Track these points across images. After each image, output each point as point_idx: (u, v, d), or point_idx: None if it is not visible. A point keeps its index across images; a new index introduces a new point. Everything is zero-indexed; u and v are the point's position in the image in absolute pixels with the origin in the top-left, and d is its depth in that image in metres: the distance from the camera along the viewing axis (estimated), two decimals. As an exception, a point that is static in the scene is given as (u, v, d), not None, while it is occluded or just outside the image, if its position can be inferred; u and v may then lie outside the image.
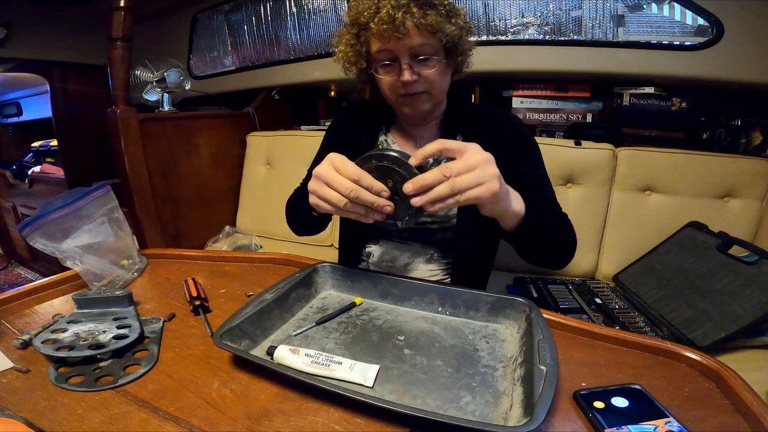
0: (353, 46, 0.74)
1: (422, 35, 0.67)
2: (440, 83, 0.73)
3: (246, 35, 1.97)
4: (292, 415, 0.42)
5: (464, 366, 0.50)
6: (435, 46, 0.69)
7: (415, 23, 0.66)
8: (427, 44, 0.68)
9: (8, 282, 2.77)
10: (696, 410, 0.43)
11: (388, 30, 0.65)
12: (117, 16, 1.26)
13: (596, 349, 0.55)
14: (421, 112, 0.75)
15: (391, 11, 0.65)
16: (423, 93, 0.72)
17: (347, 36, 0.74)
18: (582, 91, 1.44)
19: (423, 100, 0.74)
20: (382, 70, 0.72)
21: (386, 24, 0.65)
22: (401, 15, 0.64)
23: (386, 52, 0.70)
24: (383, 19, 0.65)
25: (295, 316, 0.61)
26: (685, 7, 1.21)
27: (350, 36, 0.73)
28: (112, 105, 1.34)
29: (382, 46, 0.69)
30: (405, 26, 0.66)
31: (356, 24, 0.71)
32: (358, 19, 0.70)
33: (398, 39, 0.67)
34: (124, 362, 0.50)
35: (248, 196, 1.81)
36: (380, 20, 0.65)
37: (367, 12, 0.68)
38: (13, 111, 3.26)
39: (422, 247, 0.83)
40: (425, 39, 0.67)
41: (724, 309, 0.91)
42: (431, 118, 0.82)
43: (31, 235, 0.66)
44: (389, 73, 0.72)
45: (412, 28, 0.66)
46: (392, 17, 0.65)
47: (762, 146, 1.29)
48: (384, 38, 0.68)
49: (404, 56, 0.69)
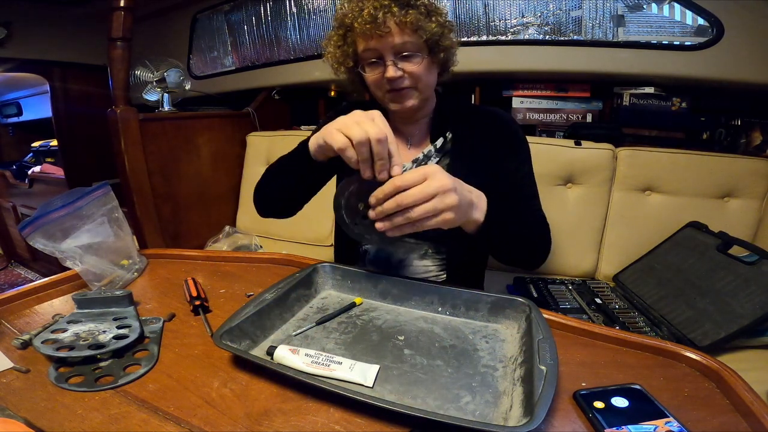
0: (340, 47, 0.77)
1: (404, 33, 0.70)
2: (425, 79, 0.75)
3: (246, 35, 1.97)
4: (292, 415, 0.42)
5: (464, 366, 0.50)
6: (417, 44, 0.72)
7: (396, 22, 0.69)
8: (409, 42, 0.71)
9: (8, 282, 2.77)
10: (696, 410, 0.43)
11: (371, 29, 0.69)
12: (117, 16, 1.26)
13: (596, 349, 0.55)
14: (408, 108, 0.77)
15: (372, 11, 0.68)
16: (409, 88, 0.75)
17: (335, 37, 0.77)
18: (582, 91, 1.44)
19: (409, 96, 0.76)
20: (368, 69, 0.76)
21: (369, 23, 0.69)
22: (382, 15, 0.68)
23: (371, 51, 0.73)
24: (366, 18, 0.69)
25: (295, 316, 0.61)
26: (685, 7, 1.21)
27: (337, 37, 0.77)
28: (112, 105, 1.34)
29: (367, 45, 0.72)
30: (386, 25, 0.69)
31: (342, 25, 0.75)
32: (344, 21, 0.73)
33: (381, 37, 0.70)
34: (124, 362, 0.50)
35: (248, 196, 1.80)
36: (363, 20, 0.69)
37: (351, 13, 0.71)
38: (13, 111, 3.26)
39: (416, 244, 0.84)
40: (407, 37, 0.71)
41: (724, 309, 0.91)
42: (420, 115, 0.84)
43: (31, 235, 0.66)
44: (375, 71, 0.75)
45: (394, 27, 0.70)
46: (374, 17, 0.68)
47: (762, 146, 1.29)
48: (367, 37, 0.71)
49: (388, 54, 0.72)
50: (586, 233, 1.31)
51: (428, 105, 0.84)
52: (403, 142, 0.86)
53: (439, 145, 0.82)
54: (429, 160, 0.82)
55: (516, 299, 0.58)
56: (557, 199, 1.32)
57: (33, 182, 2.66)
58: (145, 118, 1.40)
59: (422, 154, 0.81)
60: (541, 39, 1.37)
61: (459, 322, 0.60)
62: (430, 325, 0.59)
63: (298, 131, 1.80)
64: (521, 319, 0.57)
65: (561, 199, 1.32)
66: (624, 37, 1.29)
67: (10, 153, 3.38)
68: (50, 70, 2.34)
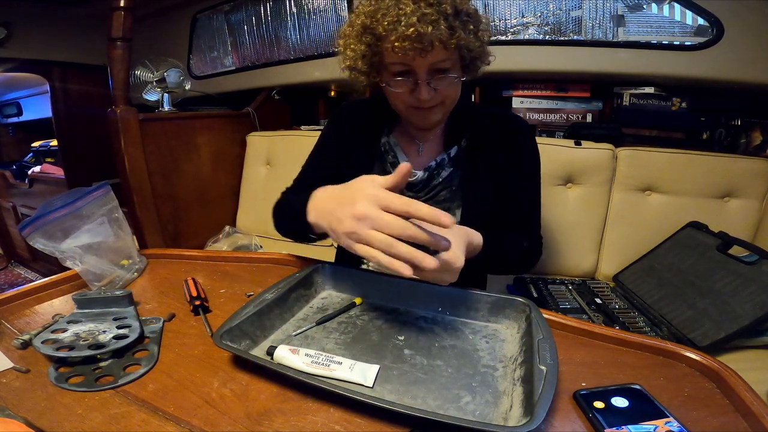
0: (365, 56, 0.67)
1: (446, 51, 0.62)
2: (454, 95, 0.71)
3: (246, 35, 1.97)
4: (292, 415, 0.42)
5: (464, 366, 0.50)
6: (454, 61, 0.65)
7: (443, 41, 0.59)
8: (448, 60, 0.64)
9: (8, 282, 2.77)
10: (696, 410, 0.43)
11: (413, 48, 0.59)
12: (117, 16, 1.26)
13: (596, 349, 0.55)
14: (432, 122, 0.74)
15: (419, 27, 0.57)
16: (436, 106, 0.70)
17: (358, 45, 0.66)
18: (582, 91, 1.44)
19: (435, 112, 0.71)
20: (394, 84, 0.67)
21: (411, 41, 0.58)
22: (430, 31, 0.57)
23: (402, 65, 0.64)
24: (409, 36, 0.58)
25: (295, 316, 0.61)
26: (685, 7, 1.21)
27: (363, 46, 0.65)
28: (112, 105, 1.34)
29: (400, 60, 0.63)
30: (432, 44, 0.59)
31: (370, 32, 0.63)
32: (375, 29, 0.62)
33: (420, 57, 0.61)
34: (124, 362, 0.50)
35: (248, 196, 1.81)
36: (404, 37, 0.58)
37: (386, 22, 0.60)
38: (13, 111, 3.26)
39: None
40: (447, 55, 0.63)
41: (724, 309, 0.91)
42: (438, 124, 0.81)
43: (31, 235, 0.66)
44: (403, 87, 0.67)
45: (439, 46, 0.60)
46: (420, 35, 0.58)
47: (762, 146, 1.29)
48: (404, 54, 0.61)
49: (423, 72, 0.64)
50: (586, 233, 1.31)
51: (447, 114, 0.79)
52: (414, 148, 0.82)
53: (453, 153, 0.78)
54: (442, 170, 0.78)
55: (516, 299, 0.58)
56: (557, 199, 1.32)
57: (33, 182, 2.66)
58: (145, 118, 1.40)
59: (435, 162, 0.78)
60: (541, 39, 1.37)
61: (459, 322, 0.60)
62: (430, 325, 0.59)
63: (298, 131, 1.79)
64: (521, 319, 0.57)
65: (561, 199, 1.32)
66: (624, 37, 1.29)
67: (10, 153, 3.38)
68: (50, 70, 2.34)
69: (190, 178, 1.63)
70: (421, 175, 0.78)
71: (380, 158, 0.83)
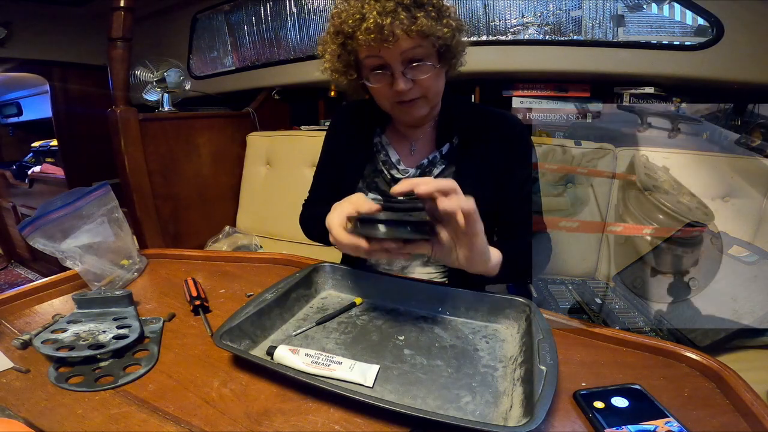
0: (340, 56, 0.70)
1: (413, 39, 0.64)
2: (435, 87, 0.71)
3: (246, 35, 1.97)
4: (292, 415, 0.42)
5: (464, 366, 0.50)
6: (427, 49, 0.66)
7: (404, 29, 0.61)
8: (418, 47, 0.65)
9: (8, 282, 2.77)
10: (696, 410, 0.43)
11: (377, 39, 0.62)
12: (117, 16, 1.26)
13: (596, 349, 0.55)
14: (417, 117, 0.74)
15: (378, 19, 0.60)
16: (418, 99, 0.70)
17: (333, 46, 0.69)
18: (582, 91, 1.44)
19: (419, 106, 0.72)
20: (373, 79, 0.69)
21: (374, 33, 0.61)
22: (389, 22, 0.60)
23: (376, 58, 0.66)
24: (370, 28, 0.61)
25: (295, 316, 0.61)
26: (685, 7, 1.21)
27: (336, 46, 0.69)
28: (112, 105, 1.34)
29: (371, 54, 0.66)
30: (394, 34, 0.61)
31: (341, 33, 0.66)
32: (343, 29, 0.65)
33: (388, 48, 0.63)
34: (124, 362, 0.50)
35: (248, 196, 1.81)
36: (367, 30, 0.61)
37: (351, 20, 0.63)
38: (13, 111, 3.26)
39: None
40: (416, 42, 0.64)
41: (724, 309, 0.91)
42: (427, 120, 0.81)
43: (31, 235, 0.66)
44: (381, 81, 0.69)
45: (402, 34, 0.62)
46: (380, 26, 0.60)
47: (762, 146, 1.29)
48: (372, 48, 0.64)
49: (396, 63, 0.65)
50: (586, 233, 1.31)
51: (435, 109, 0.80)
52: (407, 146, 0.82)
53: (445, 151, 0.78)
54: (434, 167, 0.78)
55: (516, 299, 0.58)
56: (557, 198, 1.31)
57: (33, 182, 2.66)
58: (145, 118, 1.40)
59: (427, 160, 0.78)
60: (541, 39, 1.37)
61: (459, 322, 0.60)
62: (430, 325, 0.59)
63: (298, 131, 1.79)
64: (521, 319, 0.57)
65: (561, 200, 1.32)
66: (624, 37, 1.29)
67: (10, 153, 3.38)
68: (50, 70, 2.34)
69: (190, 178, 1.63)
70: (414, 172, 0.79)
71: (372, 158, 0.83)
